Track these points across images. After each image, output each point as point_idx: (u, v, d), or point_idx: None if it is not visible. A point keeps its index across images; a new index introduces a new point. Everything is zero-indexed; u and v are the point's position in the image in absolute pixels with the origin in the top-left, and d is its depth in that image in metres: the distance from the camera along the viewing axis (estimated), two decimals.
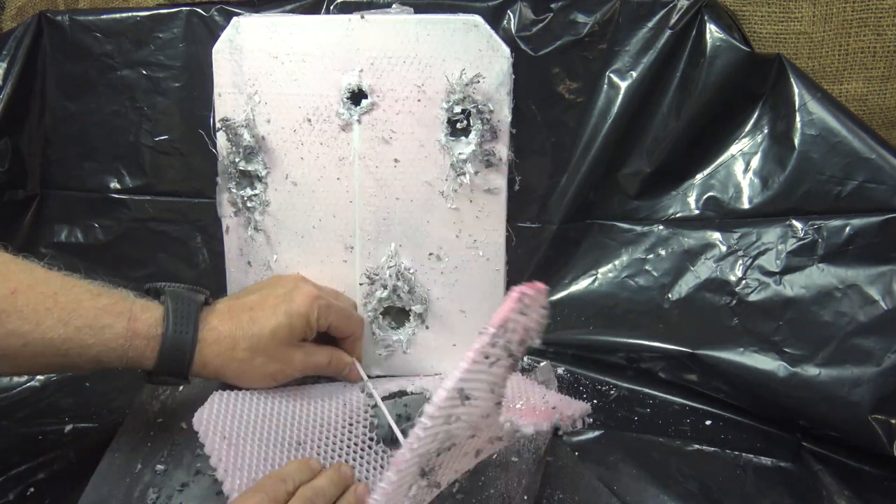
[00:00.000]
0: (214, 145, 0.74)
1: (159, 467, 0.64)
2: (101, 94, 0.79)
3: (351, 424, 0.67)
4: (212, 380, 0.65)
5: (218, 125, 0.73)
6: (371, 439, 0.66)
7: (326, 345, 0.69)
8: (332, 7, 0.74)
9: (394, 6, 0.71)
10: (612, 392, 0.76)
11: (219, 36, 0.72)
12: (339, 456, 0.63)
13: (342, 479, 0.57)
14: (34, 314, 0.55)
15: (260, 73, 0.72)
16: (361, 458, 0.64)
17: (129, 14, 0.77)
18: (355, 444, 0.65)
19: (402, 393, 0.73)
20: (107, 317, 0.57)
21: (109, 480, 0.62)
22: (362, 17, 0.70)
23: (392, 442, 0.65)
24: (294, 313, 0.63)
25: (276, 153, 0.73)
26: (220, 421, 0.63)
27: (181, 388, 0.72)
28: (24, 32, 0.76)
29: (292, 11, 0.74)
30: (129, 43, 0.77)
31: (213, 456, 0.60)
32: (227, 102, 0.73)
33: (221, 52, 0.72)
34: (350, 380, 0.71)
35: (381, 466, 0.63)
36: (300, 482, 0.54)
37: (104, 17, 0.77)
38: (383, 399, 0.69)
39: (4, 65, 0.76)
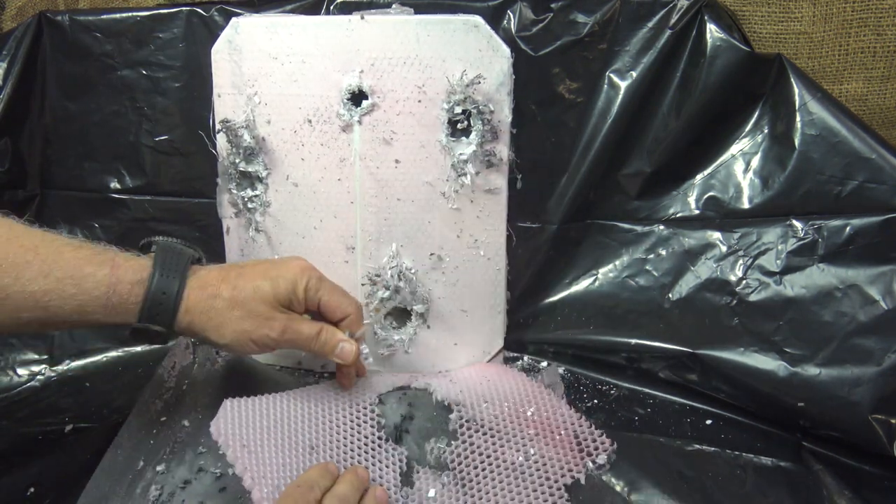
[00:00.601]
0: (214, 146, 0.74)
1: (161, 467, 0.64)
2: (101, 94, 0.79)
3: (359, 424, 0.67)
4: (194, 337, 0.64)
5: (218, 126, 0.73)
6: (380, 438, 0.66)
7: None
8: (332, 7, 0.74)
9: (394, 6, 0.71)
10: (612, 392, 0.76)
11: (218, 36, 0.72)
12: (351, 457, 0.64)
13: (360, 482, 0.57)
14: (14, 267, 0.54)
15: (260, 74, 0.72)
16: (372, 457, 0.64)
17: (129, 14, 0.77)
18: (365, 445, 0.65)
19: (406, 388, 0.73)
20: (88, 266, 0.56)
21: (112, 477, 0.63)
22: (362, 17, 0.70)
23: (399, 440, 0.66)
24: (281, 276, 0.62)
25: (277, 154, 0.73)
26: (236, 429, 0.63)
27: (183, 387, 0.72)
28: (24, 32, 0.76)
29: (292, 12, 0.74)
30: (129, 43, 0.77)
31: (237, 465, 0.60)
32: (226, 103, 0.73)
33: (220, 53, 0.72)
34: (344, 360, 0.66)
35: (392, 465, 0.63)
36: (324, 488, 0.54)
37: (104, 17, 0.77)
38: (387, 393, 0.69)
39: (4, 65, 0.76)
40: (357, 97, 0.71)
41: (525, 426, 0.67)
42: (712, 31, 0.69)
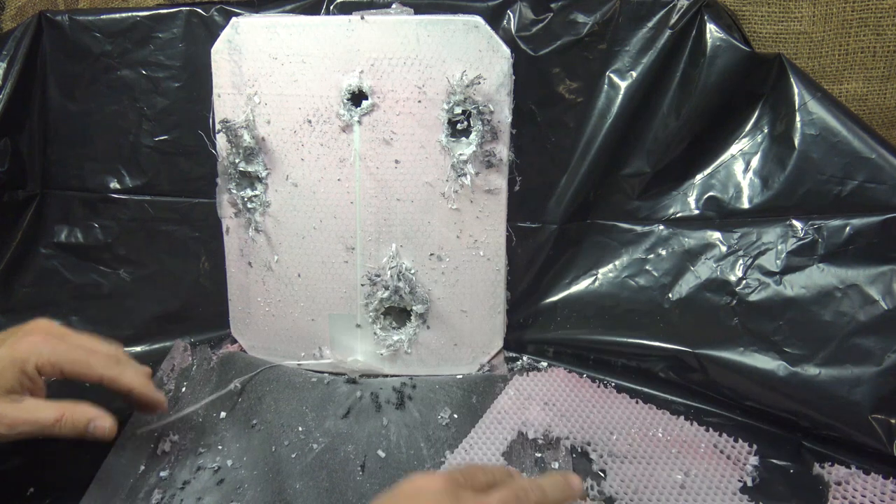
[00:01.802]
0: (214, 146, 0.74)
1: (164, 473, 0.64)
2: (101, 94, 0.79)
3: None
4: None
5: (218, 126, 0.73)
6: None
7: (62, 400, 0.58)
8: (332, 7, 0.74)
9: (393, 6, 0.71)
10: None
11: (218, 36, 0.72)
12: None
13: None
14: None
15: (259, 74, 0.72)
16: None
17: (129, 14, 0.77)
18: None
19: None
20: None
21: (114, 480, 0.63)
22: (362, 17, 0.70)
23: None
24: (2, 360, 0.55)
25: (277, 154, 0.73)
26: None
27: (182, 388, 0.72)
28: (24, 32, 0.76)
29: (292, 12, 0.74)
30: (129, 43, 0.77)
31: None
32: (226, 103, 0.73)
33: (220, 53, 0.72)
34: (101, 437, 0.59)
35: None
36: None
37: (104, 17, 0.77)
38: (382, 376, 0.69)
39: (4, 65, 0.76)
40: (357, 97, 0.71)
41: (665, 447, 0.67)
42: (712, 31, 0.69)
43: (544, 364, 0.78)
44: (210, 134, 0.75)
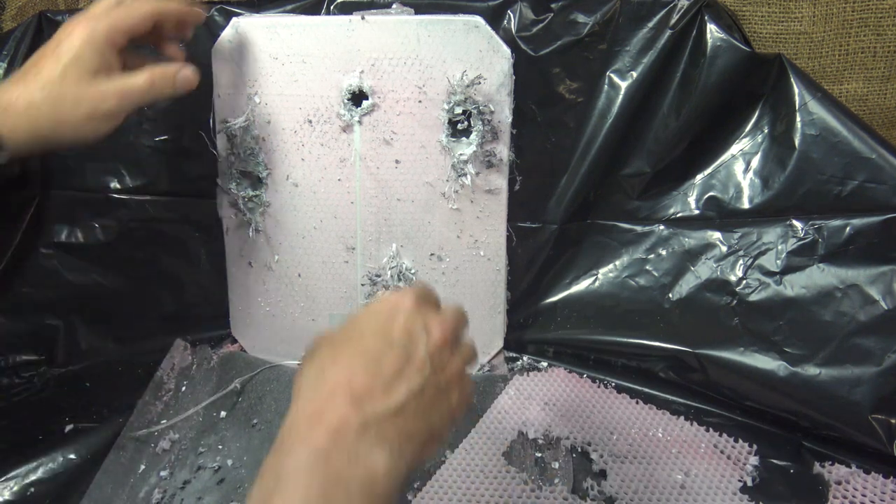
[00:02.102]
0: (215, 146, 0.74)
1: (165, 472, 0.64)
2: None
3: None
4: (28, 149, 0.57)
5: (218, 127, 0.73)
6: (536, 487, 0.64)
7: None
8: (332, 7, 0.74)
9: (394, 6, 0.71)
10: None
11: (218, 36, 0.72)
12: None
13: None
14: None
15: (260, 74, 0.72)
16: None
17: None
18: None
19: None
20: None
21: (114, 479, 0.63)
22: (363, 17, 0.70)
23: None
24: (69, 47, 0.55)
25: (277, 154, 0.73)
26: None
27: (182, 388, 0.72)
28: (24, 32, 0.76)
29: (292, 12, 0.74)
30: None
31: None
32: (226, 103, 0.73)
33: (220, 53, 0.72)
34: (189, 86, 0.62)
35: None
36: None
37: None
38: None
39: (4, 65, 0.76)
40: (357, 97, 0.71)
41: (665, 447, 0.68)
42: (712, 31, 0.69)
43: (544, 364, 0.78)
44: (210, 134, 0.75)
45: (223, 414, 0.71)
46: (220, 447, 0.68)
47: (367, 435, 0.38)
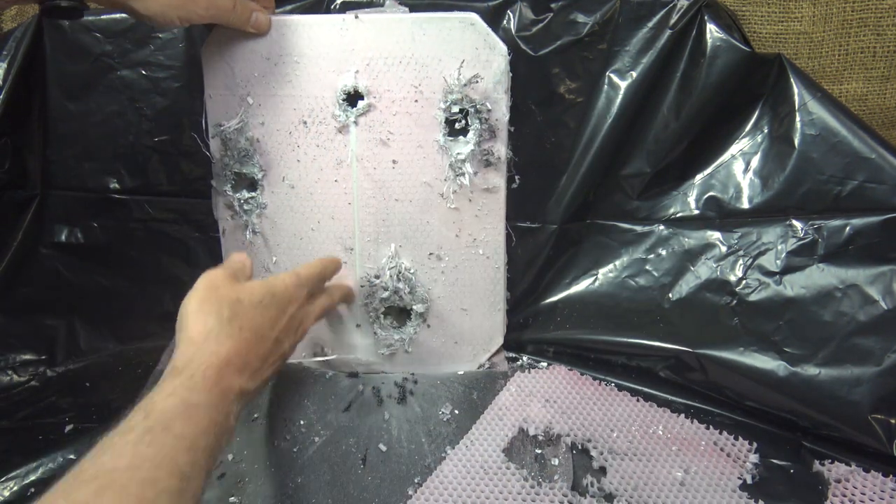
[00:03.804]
0: (208, 147, 0.74)
1: None
2: (101, 94, 0.79)
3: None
4: (115, 5, 0.62)
5: (211, 131, 0.73)
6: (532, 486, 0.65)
7: None
8: (332, 7, 0.74)
9: (387, 3, 0.71)
10: None
11: (208, 36, 0.72)
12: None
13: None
14: None
15: (252, 75, 0.71)
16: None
17: None
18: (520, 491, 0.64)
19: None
20: None
21: None
22: (356, 16, 0.69)
23: None
24: None
25: (272, 156, 0.73)
26: None
27: None
28: (24, 32, 0.76)
29: (292, 12, 0.74)
30: (129, 43, 0.77)
31: None
32: (218, 104, 0.72)
33: (211, 54, 0.71)
34: (259, 29, 0.69)
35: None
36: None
37: (104, 17, 0.77)
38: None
39: (4, 65, 0.76)
40: (353, 97, 0.71)
41: (665, 444, 0.68)
42: (712, 31, 0.69)
43: (544, 364, 0.78)
44: (203, 136, 0.74)
45: None
46: None
47: (240, 401, 0.51)
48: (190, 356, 0.49)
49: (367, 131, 0.71)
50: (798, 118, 0.68)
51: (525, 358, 0.79)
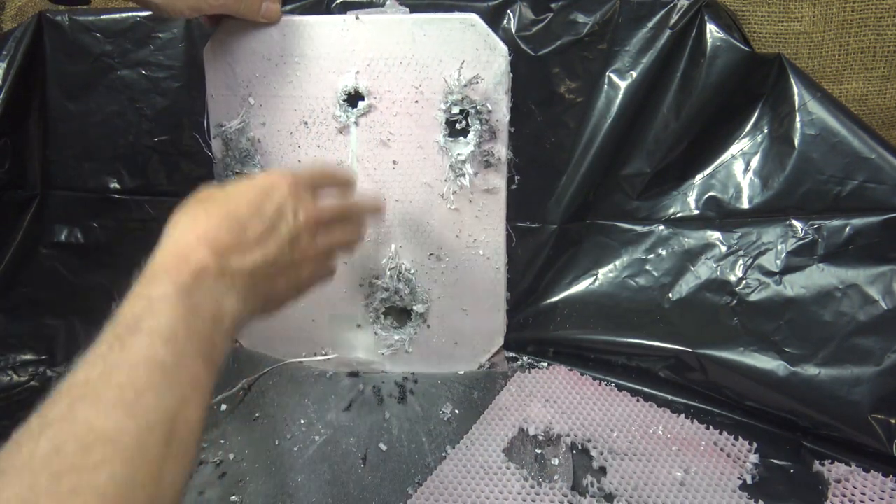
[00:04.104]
0: (209, 147, 0.74)
1: None
2: (101, 94, 0.79)
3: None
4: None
5: (213, 131, 0.73)
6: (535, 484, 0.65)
7: None
8: (332, 7, 0.74)
9: (387, 3, 0.71)
10: None
11: (210, 37, 0.72)
12: None
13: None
14: None
15: (253, 76, 0.71)
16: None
17: (129, 14, 0.77)
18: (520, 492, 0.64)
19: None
20: None
21: None
22: (357, 17, 0.69)
23: None
24: None
25: (273, 156, 0.73)
26: None
27: None
28: (24, 32, 0.76)
29: (292, 12, 0.74)
30: (129, 43, 0.77)
31: None
32: (219, 105, 0.73)
33: (212, 54, 0.71)
34: (270, 18, 0.68)
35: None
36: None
37: (104, 17, 0.77)
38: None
39: (4, 65, 0.76)
40: (353, 98, 0.71)
41: (665, 445, 0.68)
42: (712, 31, 0.69)
43: (544, 364, 0.78)
44: (204, 135, 0.75)
45: (223, 407, 0.71)
46: (221, 441, 0.68)
47: (222, 281, 0.44)
48: (155, 257, 0.44)
49: (368, 132, 0.71)
50: (798, 118, 0.68)
51: (525, 358, 0.80)
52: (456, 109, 0.70)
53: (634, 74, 0.72)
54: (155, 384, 0.37)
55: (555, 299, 0.80)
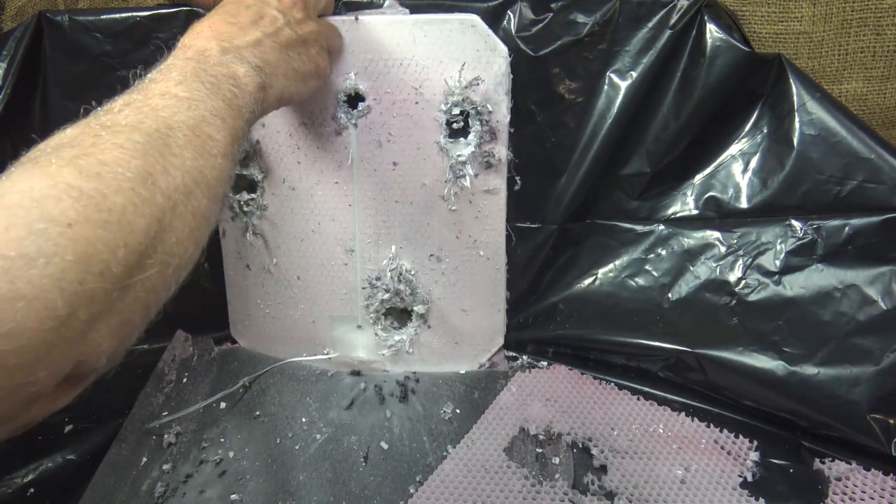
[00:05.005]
0: None
1: (167, 465, 0.65)
2: (101, 94, 0.78)
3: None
4: None
5: None
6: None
7: None
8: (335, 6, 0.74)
9: (387, 4, 0.70)
10: None
11: None
12: None
13: None
14: None
15: None
16: None
17: (129, 14, 0.76)
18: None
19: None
20: None
21: (116, 472, 0.63)
22: (356, 18, 0.68)
23: None
24: None
25: (272, 158, 0.73)
26: None
27: (184, 379, 0.72)
28: (24, 32, 0.76)
29: None
30: (129, 43, 0.77)
31: None
32: None
33: None
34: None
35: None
36: None
37: (104, 17, 0.77)
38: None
39: (4, 65, 0.75)
40: (353, 99, 0.71)
41: (666, 443, 0.68)
42: (712, 31, 0.69)
43: (544, 364, 0.78)
44: None
45: (223, 405, 0.71)
46: (221, 440, 0.68)
47: (227, 55, 0.49)
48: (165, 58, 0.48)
49: (368, 133, 0.71)
50: (797, 118, 0.68)
51: (525, 358, 0.80)
52: (456, 111, 0.70)
53: (634, 74, 0.72)
54: (170, 105, 0.41)
55: (555, 299, 0.80)
